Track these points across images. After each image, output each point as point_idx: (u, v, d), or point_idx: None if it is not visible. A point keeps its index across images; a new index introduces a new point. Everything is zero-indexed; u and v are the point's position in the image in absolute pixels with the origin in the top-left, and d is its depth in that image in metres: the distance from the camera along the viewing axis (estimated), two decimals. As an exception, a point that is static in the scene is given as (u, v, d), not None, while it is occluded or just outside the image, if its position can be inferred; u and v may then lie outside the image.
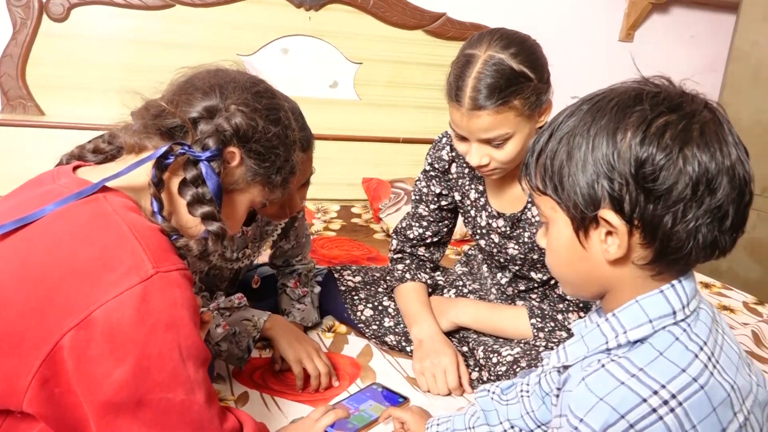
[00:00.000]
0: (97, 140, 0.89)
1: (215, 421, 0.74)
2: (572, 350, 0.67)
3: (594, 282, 0.66)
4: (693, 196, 0.58)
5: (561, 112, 0.66)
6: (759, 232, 2.77)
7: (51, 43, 2.11)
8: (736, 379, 0.62)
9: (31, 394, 0.67)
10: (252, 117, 0.83)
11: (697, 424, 0.57)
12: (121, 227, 0.71)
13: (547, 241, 0.69)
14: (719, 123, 0.60)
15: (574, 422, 0.59)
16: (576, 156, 0.61)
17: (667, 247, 0.60)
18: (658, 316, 0.62)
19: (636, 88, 0.62)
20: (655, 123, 0.58)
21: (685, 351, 0.60)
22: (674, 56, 2.92)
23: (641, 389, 0.58)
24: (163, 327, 0.68)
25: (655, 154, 0.57)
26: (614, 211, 0.60)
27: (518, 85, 1.04)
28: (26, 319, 0.67)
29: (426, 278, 1.38)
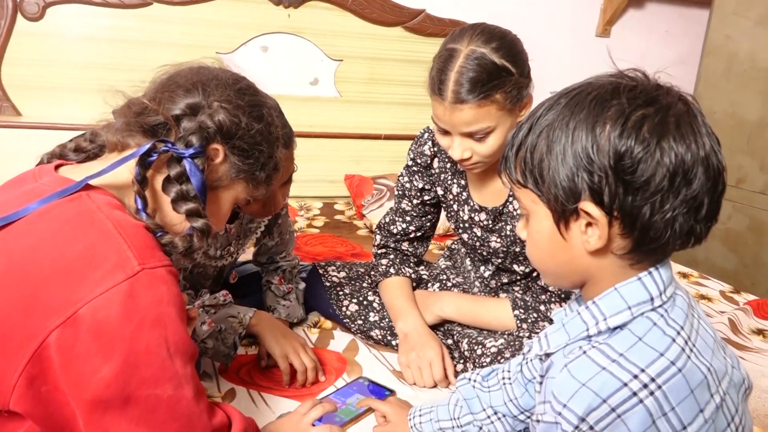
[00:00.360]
0: (78, 139, 0.89)
1: (204, 416, 0.74)
2: (554, 338, 0.69)
3: (574, 272, 0.67)
4: (670, 187, 0.59)
5: (539, 105, 0.67)
6: (734, 222, 2.83)
7: (26, 42, 2.08)
8: (712, 361, 0.64)
9: (18, 393, 0.67)
10: (235, 114, 0.83)
11: (675, 406, 0.59)
12: (105, 225, 0.71)
13: (527, 233, 0.70)
14: (693, 114, 0.61)
15: (558, 408, 0.61)
16: (556, 149, 0.63)
17: (645, 236, 0.61)
18: (636, 302, 0.63)
19: (613, 82, 0.63)
20: (632, 116, 0.59)
21: (663, 336, 0.62)
22: (650, 51, 2.97)
23: (622, 374, 0.59)
24: (149, 323, 0.68)
25: (634, 147, 0.59)
26: (594, 203, 0.61)
27: (500, 79, 1.06)
28: (11, 317, 0.66)
29: (410, 272, 1.39)
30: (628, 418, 0.58)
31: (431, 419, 0.97)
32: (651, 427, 0.58)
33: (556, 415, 0.61)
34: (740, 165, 2.79)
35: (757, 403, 1.24)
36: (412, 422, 1.00)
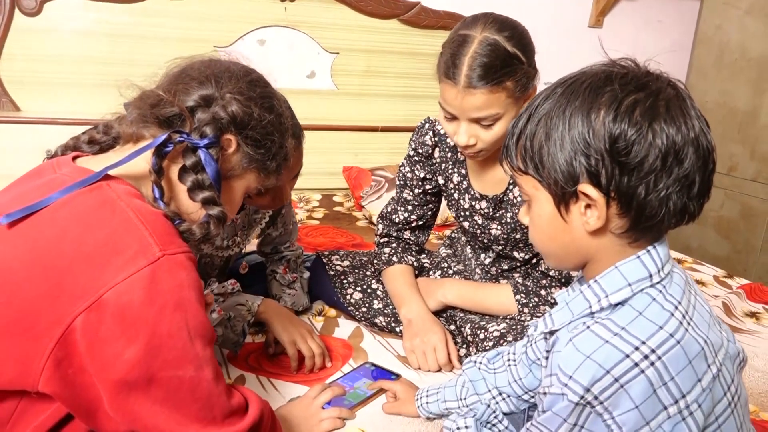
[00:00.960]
0: (91, 131, 0.91)
1: (223, 396, 0.77)
2: (558, 316, 0.72)
3: (576, 252, 0.71)
4: (663, 167, 0.62)
5: (537, 95, 0.71)
6: (726, 210, 2.88)
7: (24, 38, 2.08)
8: (709, 334, 0.67)
9: (46, 375, 0.69)
10: (247, 105, 0.85)
11: (675, 376, 0.63)
12: (126, 213, 0.73)
13: (530, 218, 0.73)
14: (682, 98, 0.65)
15: (564, 379, 0.63)
16: (554, 136, 0.66)
17: (641, 215, 0.64)
18: (636, 279, 0.67)
19: (606, 70, 0.66)
20: (625, 101, 0.63)
21: (662, 310, 0.65)
22: (642, 41, 3.00)
23: (624, 346, 0.62)
24: (171, 307, 0.71)
25: (627, 130, 0.62)
26: (592, 184, 0.64)
27: (511, 67, 1.08)
28: (38, 303, 0.69)
29: (412, 260, 1.42)
30: (630, 387, 0.61)
31: (438, 399, 1.00)
32: (652, 395, 0.62)
33: (562, 387, 0.63)
34: (732, 153, 2.84)
35: (751, 382, 1.28)
36: (420, 402, 1.03)
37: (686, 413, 0.63)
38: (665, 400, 0.62)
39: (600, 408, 0.62)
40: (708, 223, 2.95)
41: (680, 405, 0.63)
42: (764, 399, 1.23)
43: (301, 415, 1.00)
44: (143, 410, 0.72)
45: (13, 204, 0.74)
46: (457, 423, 0.84)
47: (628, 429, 0.62)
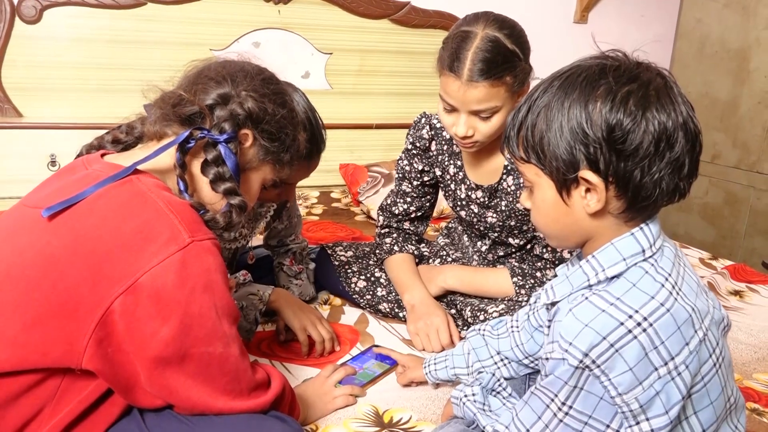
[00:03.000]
0: (115, 131, 0.97)
1: (248, 371, 0.84)
2: (559, 289, 0.78)
3: (577, 233, 0.76)
4: (656, 152, 0.68)
5: (535, 88, 0.76)
6: (711, 197, 2.97)
7: (25, 45, 2.12)
8: (696, 302, 0.73)
9: (89, 353, 0.75)
10: (262, 101, 0.92)
11: (665, 341, 0.68)
12: (157, 204, 0.79)
13: (532, 203, 0.79)
14: (669, 87, 0.70)
15: (565, 346, 0.69)
16: (554, 127, 0.71)
17: (637, 196, 0.70)
18: (630, 254, 0.73)
19: (599, 64, 0.71)
20: (619, 93, 0.68)
21: (654, 282, 0.71)
22: (626, 35, 3.08)
23: (618, 314, 0.68)
24: (201, 289, 0.77)
25: (623, 120, 0.67)
26: (592, 170, 0.70)
27: (511, 63, 1.16)
28: (80, 287, 0.75)
29: (413, 249, 1.48)
30: (624, 351, 0.67)
31: (446, 366, 1.08)
32: (644, 359, 0.67)
33: (563, 352, 0.69)
34: (714, 142, 2.93)
35: (735, 353, 1.36)
36: (427, 369, 1.11)
37: (675, 374, 0.68)
38: (656, 362, 0.68)
39: (597, 371, 0.67)
40: (693, 210, 3.04)
41: (669, 366, 0.68)
42: (747, 368, 1.31)
43: (316, 392, 1.07)
44: (177, 384, 0.78)
45: (51, 199, 0.80)
46: (464, 391, 0.91)
47: (623, 389, 0.67)
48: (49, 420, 0.79)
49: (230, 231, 0.90)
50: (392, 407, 1.09)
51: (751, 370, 1.30)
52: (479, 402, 0.89)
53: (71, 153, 0.98)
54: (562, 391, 0.71)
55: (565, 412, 0.71)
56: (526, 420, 0.75)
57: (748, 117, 2.80)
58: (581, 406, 0.70)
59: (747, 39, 2.78)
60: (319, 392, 1.07)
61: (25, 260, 0.78)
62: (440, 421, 1.03)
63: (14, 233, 0.82)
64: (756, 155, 2.79)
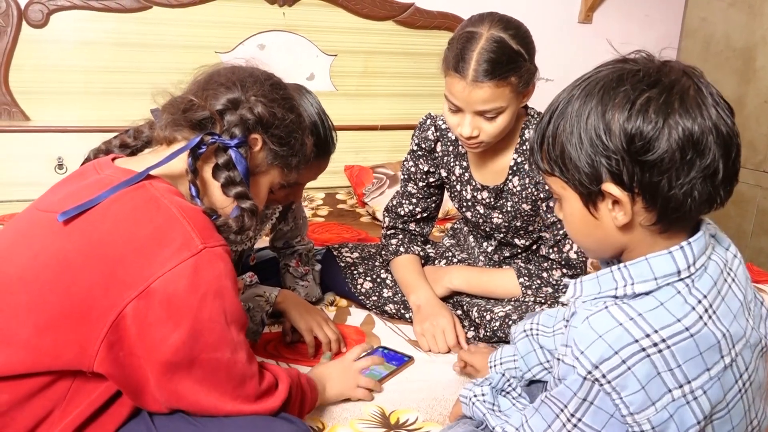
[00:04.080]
0: (123, 136, 0.97)
1: (255, 377, 0.85)
2: (587, 286, 0.73)
3: (611, 246, 0.73)
4: (683, 160, 0.63)
5: (555, 99, 0.73)
6: (717, 196, 2.95)
7: (32, 49, 2.14)
8: (731, 327, 0.69)
9: (100, 357, 0.76)
10: (271, 106, 0.93)
11: (681, 364, 0.65)
12: (170, 209, 0.80)
13: (563, 216, 0.76)
14: (697, 87, 0.66)
15: (576, 354, 0.67)
16: (574, 139, 0.68)
17: (667, 207, 0.66)
18: (663, 275, 0.68)
19: (618, 69, 0.68)
20: (638, 100, 0.64)
21: (684, 304, 0.67)
22: (631, 35, 3.07)
23: (636, 331, 0.65)
24: (212, 295, 0.78)
25: (643, 128, 0.63)
26: (615, 183, 0.66)
27: (516, 63, 1.16)
28: (93, 291, 0.76)
29: (418, 250, 1.49)
30: (636, 369, 0.64)
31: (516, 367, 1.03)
32: (656, 377, 0.65)
33: (574, 359, 0.67)
34: (720, 141, 2.92)
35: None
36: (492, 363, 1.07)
37: (690, 398, 0.66)
38: (669, 384, 0.65)
39: (608, 387, 0.65)
40: (700, 210, 3.03)
41: (685, 390, 0.65)
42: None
43: (340, 373, 1.09)
44: (186, 389, 0.79)
45: (64, 203, 0.81)
46: (474, 391, 0.91)
47: (635, 408, 0.65)
48: (60, 421, 0.80)
49: (243, 234, 0.90)
50: (399, 408, 1.09)
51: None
52: (489, 402, 0.89)
53: (78, 156, 0.99)
54: (571, 403, 0.69)
55: (573, 424, 0.70)
56: (536, 427, 0.75)
57: (755, 116, 2.79)
58: (590, 420, 0.69)
59: (753, 38, 2.77)
60: (344, 373, 1.09)
61: (39, 264, 0.79)
62: (448, 421, 1.03)
63: (28, 237, 0.83)
64: (763, 154, 2.78)
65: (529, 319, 1.04)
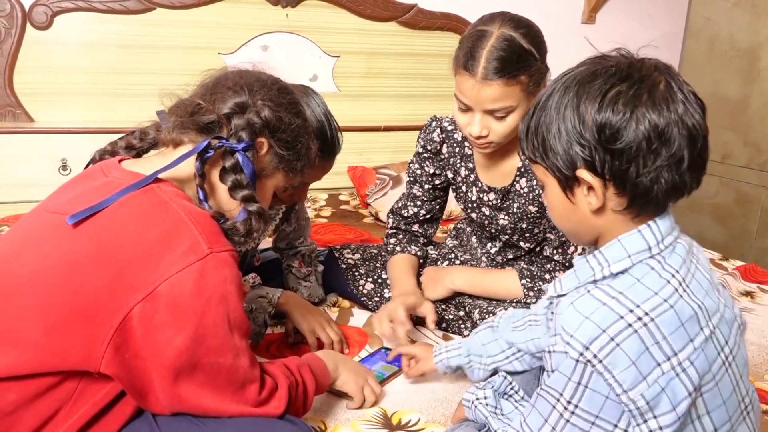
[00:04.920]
0: (128, 137, 0.98)
1: (257, 382, 0.85)
2: (566, 282, 0.79)
3: (587, 229, 0.78)
4: (649, 149, 0.69)
5: (540, 93, 0.79)
6: (722, 197, 2.95)
7: (36, 50, 2.15)
8: (704, 300, 0.73)
9: (107, 358, 0.77)
10: (277, 110, 0.94)
11: (667, 336, 0.69)
12: (178, 213, 0.81)
13: (547, 202, 0.82)
14: (668, 83, 0.71)
15: (566, 338, 0.70)
16: (553, 129, 0.74)
17: (636, 193, 0.71)
18: (635, 251, 0.73)
19: (594, 64, 0.74)
20: (609, 94, 0.70)
21: (659, 278, 0.71)
22: (634, 35, 3.07)
23: (619, 308, 0.69)
24: (216, 300, 0.79)
25: (611, 119, 0.69)
26: (588, 170, 0.72)
27: (526, 62, 1.15)
28: (101, 293, 0.76)
29: (415, 251, 1.48)
30: (624, 345, 0.67)
31: (460, 354, 1.08)
32: (645, 353, 0.68)
33: (565, 345, 0.70)
34: (725, 141, 2.91)
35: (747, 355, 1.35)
36: (438, 358, 1.11)
37: (679, 369, 0.69)
38: (658, 358, 0.68)
39: (600, 367, 0.67)
40: (704, 210, 3.02)
41: (673, 362, 0.68)
42: (758, 369, 1.30)
43: (354, 365, 1.10)
44: (188, 393, 0.80)
45: (72, 205, 0.82)
46: (476, 394, 0.91)
47: (628, 386, 0.67)
48: (65, 421, 0.80)
49: (250, 237, 0.90)
50: (401, 409, 1.09)
51: (762, 371, 1.30)
52: (491, 405, 0.89)
53: (82, 157, 1.00)
54: (566, 389, 0.71)
55: (571, 411, 0.71)
56: (534, 424, 0.75)
57: (759, 116, 2.78)
58: (587, 405, 0.70)
59: (757, 38, 2.77)
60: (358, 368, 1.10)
61: (48, 265, 0.79)
62: (450, 423, 1.03)
63: (36, 238, 0.83)
64: (767, 155, 2.77)
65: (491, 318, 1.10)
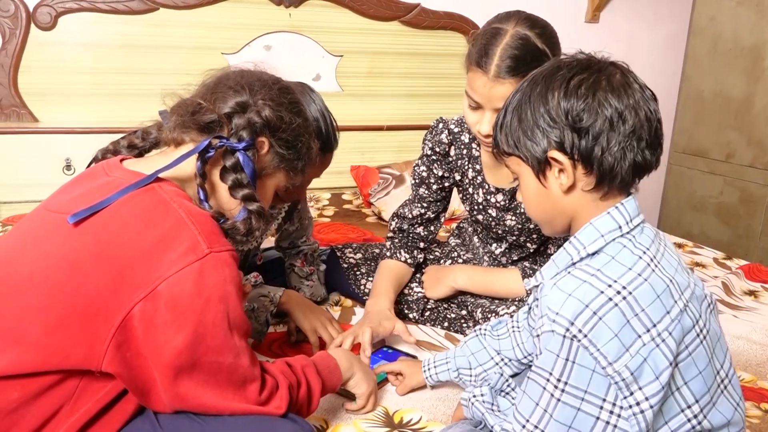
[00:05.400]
0: (130, 137, 0.98)
1: (258, 380, 0.85)
2: (546, 271, 0.83)
3: (559, 214, 0.83)
4: (611, 128, 0.76)
5: (511, 93, 0.85)
6: (726, 196, 2.94)
7: (40, 51, 2.15)
8: (675, 276, 0.78)
9: (108, 357, 0.77)
10: (278, 110, 0.94)
11: (645, 308, 0.73)
12: (178, 213, 0.81)
13: (521, 194, 0.87)
14: (624, 74, 0.79)
15: (552, 316, 0.73)
16: (525, 119, 0.81)
17: (602, 170, 0.77)
18: (607, 231, 0.78)
19: (556, 61, 0.82)
20: (572, 81, 0.78)
21: (631, 254, 0.76)
22: (638, 34, 3.06)
23: (599, 284, 0.73)
24: (216, 299, 0.79)
25: (576, 103, 0.77)
26: (559, 150, 0.78)
27: (540, 62, 1.13)
28: (102, 292, 0.77)
29: (405, 257, 1.45)
30: (606, 318, 0.71)
31: (449, 368, 1.09)
32: (626, 325, 0.71)
33: (551, 323, 0.73)
34: (729, 141, 2.90)
35: (749, 354, 1.35)
36: (428, 373, 1.12)
37: (659, 340, 0.72)
38: (638, 329, 0.72)
39: (585, 341, 0.71)
40: (708, 209, 3.01)
41: (652, 333, 0.72)
42: (762, 369, 1.30)
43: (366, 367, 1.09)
44: (188, 392, 0.80)
45: (74, 204, 0.82)
46: (473, 392, 0.91)
47: (612, 358, 0.71)
48: (67, 419, 0.81)
49: (251, 237, 0.91)
50: (402, 408, 1.09)
51: (765, 371, 1.29)
52: (488, 402, 0.89)
53: (86, 157, 1.00)
54: (556, 367, 0.73)
55: (561, 389, 0.73)
56: (525, 410, 0.77)
57: (763, 115, 2.77)
58: (575, 381, 0.72)
59: (761, 36, 2.75)
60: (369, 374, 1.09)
61: (49, 264, 0.80)
62: (451, 422, 1.04)
63: (38, 237, 0.84)
64: (771, 154, 2.76)
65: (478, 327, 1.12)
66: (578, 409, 0.73)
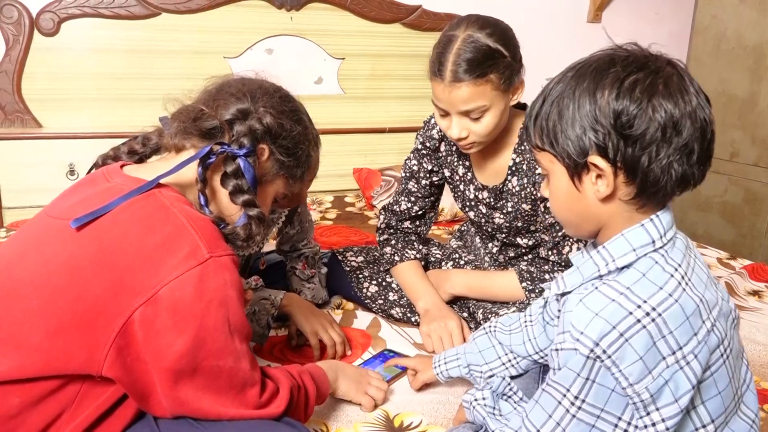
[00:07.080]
0: (131, 142, 0.99)
1: (258, 384, 0.86)
2: (570, 279, 0.79)
3: (590, 220, 0.78)
4: (663, 138, 0.69)
5: (550, 80, 0.78)
6: (730, 195, 2.92)
7: (43, 57, 2.17)
8: (705, 294, 0.74)
9: (109, 361, 0.78)
10: (279, 117, 0.95)
11: (673, 330, 0.69)
12: (179, 218, 0.82)
13: (549, 191, 0.81)
14: (680, 76, 0.72)
15: (576, 335, 0.70)
16: (566, 115, 0.73)
17: (646, 182, 0.71)
18: (640, 245, 0.73)
19: (610, 54, 0.74)
20: (626, 81, 0.70)
21: (663, 272, 0.72)
22: (641, 33, 3.03)
23: (628, 304, 0.69)
24: (216, 304, 0.79)
25: (629, 106, 0.69)
26: (601, 156, 0.72)
27: (494, 60, 1.16)
28: (103, 297, 0.77)
29: (413, 254, 1.47)
30: (633, 341, 0.68)
31: (459, 365, 1.08)
32: (652, 348, 0.68)
33: (575, 342, 0.70)
34: (733, 140, 2.89)
35: (753, 355, 1.34)
36: (438, 369, 1.11)
37: (683, 363, 0.69)
38: (664, 352, 0.69)
39: (608, 362, 0.68)
40: (713, 209, 3.00)
41: (677, 356, 0.69)
42: (765, 370, 1.29)
43: (354, 371, 1.10)
44: (189, 396, 0.80)
45: (75, 209, 0.83)
46: (474, 395, 0.91)
47: (634, 379, 0.68)
48: (68, 424, 0.81)
49: (251, 242, 0.91)
50: (403, 411, 1.09)
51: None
52: (489, 406, 0.89)
53: (90, 162, 1.01)
54: (574, 385, 0.71)
55: (578, 407, 0.71)
56: (537, 420, 0.75)
57: (767, 114, 2.75)
58: (593, 399, 0.70)
59: (764, 35, 2.74)
60: (358, 373, 1.10)
61: (50, 269, 0.80)
62: (452, 425, 1.03)
63: (39, 243, 0.84)
64: (775, 153, 2.74)
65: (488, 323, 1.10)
66: (593, 426, 0.71)
